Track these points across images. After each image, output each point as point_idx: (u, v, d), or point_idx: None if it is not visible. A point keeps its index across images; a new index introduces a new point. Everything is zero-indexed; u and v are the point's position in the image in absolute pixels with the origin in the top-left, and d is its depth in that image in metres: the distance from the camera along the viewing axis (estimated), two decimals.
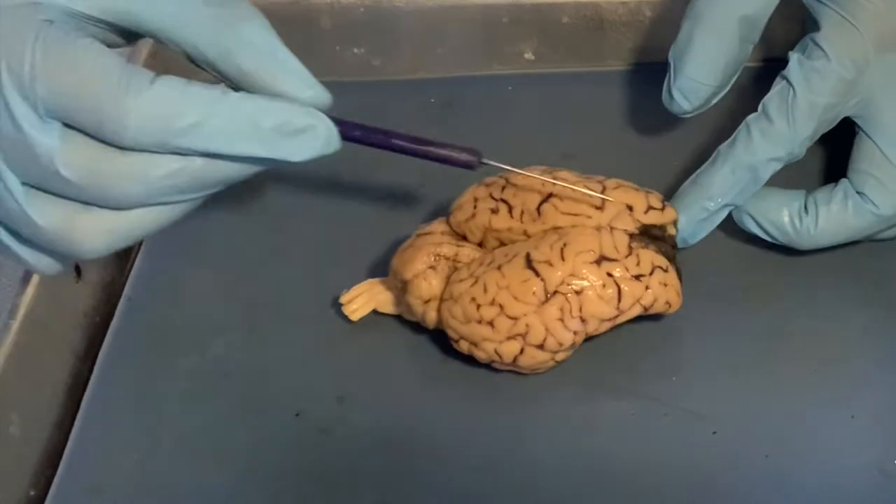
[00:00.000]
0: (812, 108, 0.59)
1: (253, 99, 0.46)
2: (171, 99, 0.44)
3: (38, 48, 0.44)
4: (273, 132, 0.45)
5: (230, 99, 0.45)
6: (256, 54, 0.46)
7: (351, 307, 0.62)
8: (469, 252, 0.60)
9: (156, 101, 0.44)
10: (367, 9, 0.77)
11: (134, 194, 0.46)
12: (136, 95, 0.44)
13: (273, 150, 0.46)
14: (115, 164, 0.45)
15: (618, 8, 0.76)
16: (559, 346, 0.57)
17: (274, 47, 0.47)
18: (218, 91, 0.45)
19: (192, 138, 0.45)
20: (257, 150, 0.46)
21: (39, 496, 0.59)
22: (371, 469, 0.57)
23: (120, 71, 0.44)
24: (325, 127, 0.47)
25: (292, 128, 0.46)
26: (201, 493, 0.57)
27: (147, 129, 0.44)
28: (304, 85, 0.47)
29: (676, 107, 0.63)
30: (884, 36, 0.60)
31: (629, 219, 0.59)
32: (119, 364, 0.63)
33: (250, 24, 0.46)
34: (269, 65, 0.46)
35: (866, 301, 0.62)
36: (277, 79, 0.46)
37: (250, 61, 0.46)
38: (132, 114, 0.44)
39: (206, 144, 0.45)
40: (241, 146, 0.45)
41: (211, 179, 0.47)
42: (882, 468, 0.55)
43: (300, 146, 0.46)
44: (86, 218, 0.46)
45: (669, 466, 0.56)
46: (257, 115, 0.45)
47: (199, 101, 0.45)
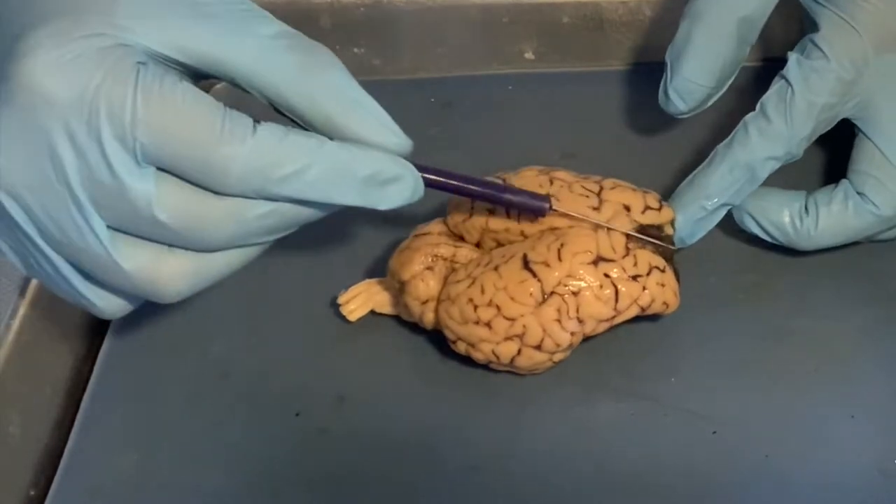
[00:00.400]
0: (810, 107, 0.59)
1: (348, 148, 0.46)
2: (272, 147, 0.44)
3: (138, 95, 0.43)
4: (366, 181, 0.46)
5: (327, 148, 0.45)
6: (343, 101, 0.46)
7: (349, 307, 0.62)
8: (466, 253, 0.60)
9: (259, 150, 0.44)
10: (367, 8, 0.77)
11: (226, 236, 0.46)
12: (241, 144, 0.44)
13: (365, 198, 0.46)
14: (210, 208, 0.45)
15: (618, 8, 0.76)
16: (556, 346, 0.57)
17: (358, 95, 0.46)
18: (316, 140, 0.45)
19: (290, 187, 0.45)
20: (351, 198, 0.46)
21: (39, 496, 0.59)
22: (371, 469, 0.57)
23: (222, 117, 0.44)
24: (413, 176, 0.47)
25: (384, 177, 0.46)
26: (201, 493, 0.57)
27: (249, 177, 0.44)
28: (390, 133, 0.47)
29: (672, 107, 0.63)
30: (883, 37, 0.60)
31: (626, 219, 0.59)
32: (119, 364, 0.64)
33: (334, 72, 0.46)
34: (355, 112, 0.46)
35: (866, 301, 0.62)
36: (364, 127, 0.46)
37: (337, 108, 0.46)
38: (236, 162, 0.44)
39: (303, 193, 0.45)
40: (335, 195, 0.46)
41: (298, 220, 0.47)
42: (882, 468, 0.55)
43: (390, 195, 0.47)
44: (171, 261, 0.46)
45: (669, 466, 0.56)
46: (353, 164, 0.45)
47: (300, 150, 0.45)
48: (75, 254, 0.46)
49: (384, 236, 0.66)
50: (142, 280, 0.46)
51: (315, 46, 0.47)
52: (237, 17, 0.46)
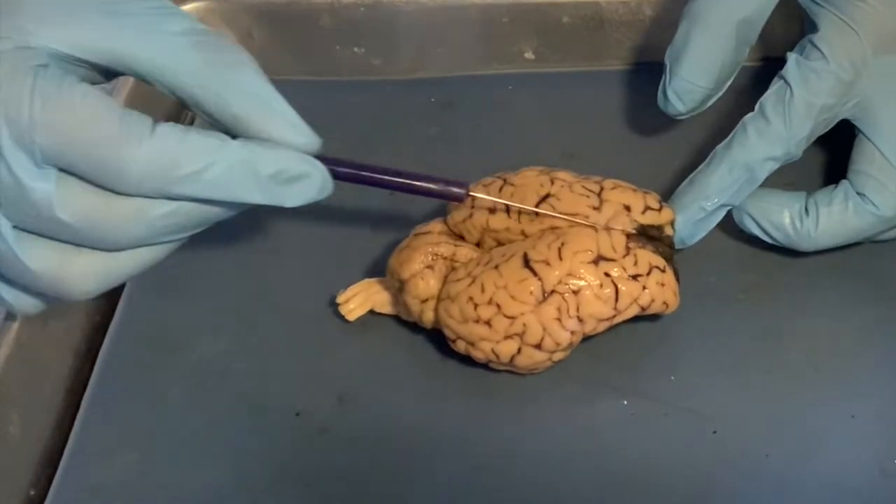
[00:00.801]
0: (809, 108, 0.59)
1: (250, 147, 0.46)
2: (171, 148, 0.44)
3: (36, 96, 0.43)
4: (270, 180, 0.46)
5: (229, 147, 0.45)
6: (250, 100, 0.46)
7: (348, 307, 0.62)
8: (466, 252, 0.60)
9: (156, 151, 0.44)
10: (367, 8, 0.77)
11: (132, 235, 0.46)
12: (138, 145, 0.44)
13: (270, 197, 0.46)
14: (112, 207, 0.45)
15: (618, 7, 0.76)
16: (556, 345, 0.57)
17: (267, 93, 0.46)
18: (216, 139, 0.45)
19: (191, 186, 0.45)
20: (255, 197, 0.46)
21: (39, 496, 0.59)
22: (370, 468, 0.57)
23: (120, 119, 0.44)
24: (320, 173, 0.47)
25: (289, 175, 0.46)
26: (201, 493, 0.57)
27: (148, 178, 0.44)
28: (297, 132, 0.47)
29: (671, 108, 0.63)
30: (882, 38, 0.60)
31: (627, 219, 0.59)
32: (119, 364, 0.63)
33: (243, 70, 0.46)
34: (262, 111, 0.46)
35: (866, 301, 0.62)
36: (270, 125, 0.46)
37: (243, 107, 0.46)
38: (133, 163, 0.44)
39: (205, 192, 0.45)
40: (238, 193, 0.46)
41: (206, 218, 0.47)
42: (882, 467, 0.55)
43: (296, 192, 0.47)
44: (78, 261, 0.46)
45: (669, 466, 0.56)
46: (255, 163, 0.45)
47: (199, 149, 0.45)
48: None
49: (383, 236, 0.66)
50: (49, 280, 0.46)
51: (226, 44, 0.47)
52: (146, 14, 0.46)
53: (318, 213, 0.70)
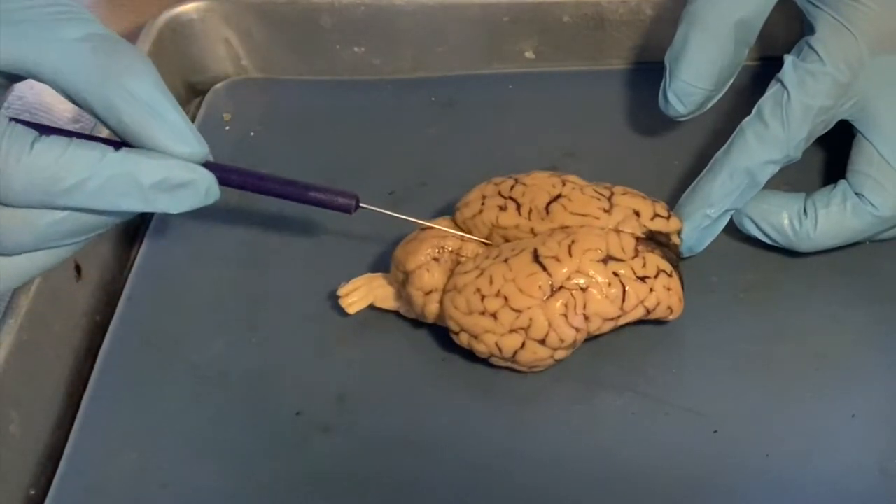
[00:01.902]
0: (806, 110, 0.59)
1: (132, 158, 0.46)
2: (50, 163, 0.45)
3: None
4: (152, 189, 0.46)
5: (109, 160, 0.46)
6: (137, 108, 0.46)
7: (348, 300, 0.62)
8: (473, 247, 0.60)
9: (35, 167, 0.45)
10: (367, 8, 0.77)
11: (21, 242, 0.47)
12: (17, 162, 0.45)
13: (153, 205, 0.47)
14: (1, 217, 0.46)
15: (618, 7, 0.76)
16: (560, 342, 0.57)
17: (155, 101, 0.47)
18: (98, 152, 0.46)
19: (72, 198, 0.46)
20: (137, 206, 0.47)
21: (39, 495, 0.59)
22: (371, 468, 0.57)
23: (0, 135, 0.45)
24: (204, 180, 0.48)
25: (172, 183, 0.47)
26: (201, 493, 0.57)
27: (29, 193, 0.45)
28: (183, 141, 0.47)
29: (672, 110, 0.63)
30: (878, 38, 0.60)
31: (636, 223, 0.59)
32: (119, 364, 0.63)
33: (135, 78, 0.46)
34: (147, 119, 0.47)
35: (867, 300, 0.62)
36: (155, 133, 0.47)
37: (130, 114, 0.46)
38: (13, 180, 0.45)
39: (87, 203, 0.46)
40: (120, 203, 0.46)
41: (94, 225, 0.48)
42: (883, 467, 0.55)
43: (180, 200, 0.47)
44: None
45: (670, 465, 0.56)
46: (136, 174, 0.46)
47: (79, 163, 0.45)
48: None
49: (386, 236, 0.66)
50: None
51: (123, 49, 0.47)
52: (44, 20, 0.46)
53: (319, 213, 0.70)
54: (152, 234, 0.70)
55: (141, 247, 0.69)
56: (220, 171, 0.49)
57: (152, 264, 0.68)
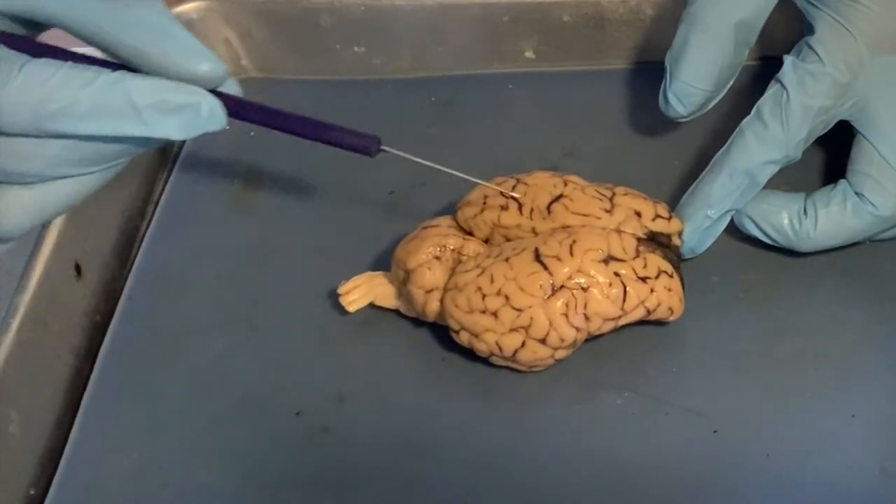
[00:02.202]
0: (805, 110, 0.60)
1: (129, 78, 0.45)
2: (38, 84, 0.44)
3: None
4: (150, 111, 0.45)
5: (103, 80, 0.45)
6: (149, 32, 0.45)
7: (348, 298, 0.62)
8: (475, 247, 0.60)
9: (24, 88, 0.44)
10: (367, 7, 0.77)
11: (35, 170, 0.46)
12: (4, 84, 0.44)
13: (151, 128, 0.45)
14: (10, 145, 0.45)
15: (618, 6, 0.76)
16: (561, 341, 0.57)
17: (166, 24, 0.46)
18: (91, 72, 0.45)
19: (63, 121, 0.44)
20: (132, 129, 0.45)
21: (39, 495, 0.59)
22: (371, 468, 0.57)
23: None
24: (208, 103, 0.46)
25: (170, 105, 0.45)
26: (201, 493, 0.57)
27: (18, 115, 0.44)
28: (200, 58, 0.46)
29: (672, 111, 0.63)
30: (878, 39, 0.60)
31: (637, 224, 0.59)
32: (119, 363, 0.63)
33: (142, 4, 0.46)
34: (162, 42, 0.45)
35: (867, 299, 0.62)
36: (171, 55, 0.45)
37: (143, 39, 0.45)
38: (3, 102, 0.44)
39: (81, 127, 0.45)
40: (115, 126, 0.45)
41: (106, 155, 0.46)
42: (883, 467, 0.55)
43: (180, 124, 0.46)
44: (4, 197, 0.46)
45: (670, 465, 0.56)
46: (130, 93, 0.45)
47: (70, 83, 0.44)
48: None
49: (386, 236, 0.66)
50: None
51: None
52: None
53: (320, 213, 0.70)
54: (152, 234, 0.70)
55: (141, 246, 0.69)
56: (233, 103, 0.47)
57: (152, 264, 0.68)
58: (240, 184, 0.72)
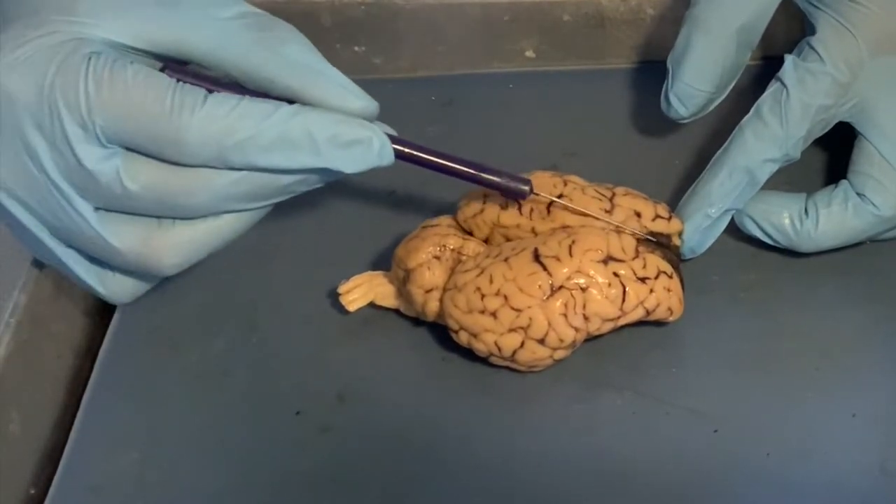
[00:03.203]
0: (805, 109, 0.60)
1: (305, 111, 0.47)
2: (223, 115, 0.46)
3: (90, 79, 0.45)
4: (326, 144, 0.47)
5: (282, 112, 0.46)
6: (302, 73, 0.47)
7: (349, 297, 0.62)
8: (474, 247, 0.60)
9: (209, 119, 0.46)
10: (367, 7, 0.77)
11: (201, 203, 0.47)
12: (191, 114, 0.46)
13: (327, 161, 0.47)
14: (179, 177, 0.47)
15: (619, 6, 0.76)
16: (560, 342, 0.57)
17: (317, 64, 0.48)
18: (270, 105, 0.46)
19: (246, 152, 0.46)
20: (311, 161, 0.47)
21: (39, 495, 0.59)
22: (371, 467, 0.57)
23: (172, 91, 0.46)
24: (379, 139, 0.48)
25: (346, 139, 0.47)
26: (201, 492, 0.57)
27: (204, 146, 0.46)
28: (353, 97, 0.48)
29: (674, 112, 0.63)
30: (879, 39, 0.60)
31: (637, 224, 0.59)
32: (119, 363, 0.63)
33: (292, 45, 0.48)
34: (315, 81, 0.47)
35: (868, 299, 0.62)
36: (326, 94, 0.47)
37: (297, 80, 0.47)
38: (188, 132, 0.46)
39: (261, 158, 0.46)
40: (294, 158, 0.47)
41: (274, 189, 0.48)
42: (883, 467, 0.55)
43: (354, 157, 0.48)
44: (160, 234, 0.48)
45: (670, 465, 0.56)
46: (309, 126, 0.46)
47: (252, 116, 0.46)
48: (73, 238, 0.49)
49: (387, 236, 0.66)
50: (136, 256, 0.49)
51: (274, 22, 0.48)
52: (198, 2, 0.48)
53: (320, 212, 0.70)
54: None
55: None
56: (396, 143, 0.49)
57: None
58: None
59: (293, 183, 0.48)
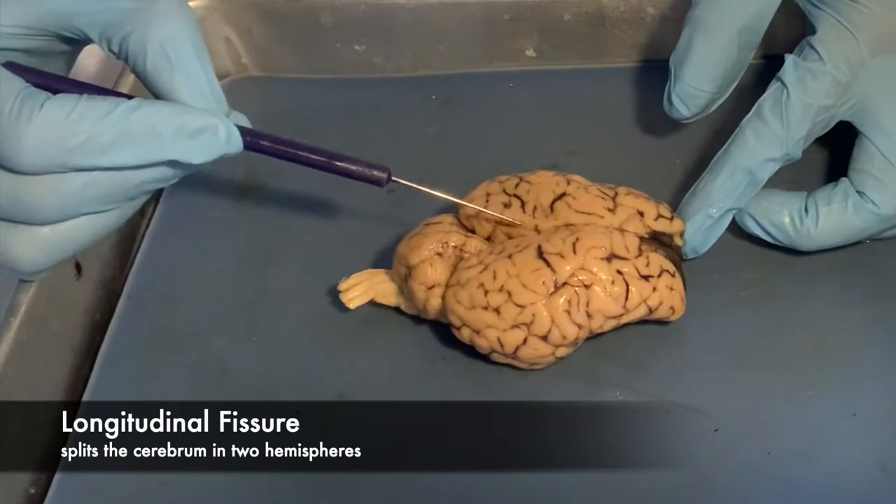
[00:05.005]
0: (806, 109, 0.60)
1: (146, 105, 0.45)
2: (60, 119, 0.44)
3: None
4: (171, 136, 0.45)
5: (122, 109, 0.45)
6: (160, 58, 0.46)
7: (349, 295, 0.62)
8: (477, 244, 0.60)
9: (46, 124, 0.44)
10: (367, 6, 0.77)
11: (54, 209, 0.46)
12: (28, 121, 0.44)
13: (173, 153, 0.46)
14: (27, 185, 0.45)
15: (619, 5, 0.75)
16: (562, 339, 0.57)
17: (181, 53, 0.46)
18: (109, 102, 0.45)
19: (87, 154, 0.45)
20: (157, 155, 0.46)
21: (39, 495, 0.59)
22: (371, 467, 0.57)
23: (13, 98, 0.44)
24: (224, 125, 0.47)
25: (190, 129, 0.46)
26: (201, 493, 0.57)
27: (42, 152, 0.44)
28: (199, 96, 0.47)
29: (676, 112, 0.64)
30: (878, 39, 0.60)
31: (640, 223, 0.59)
32: (119, 362, 0.63)
33: (165, 25, 0.46)
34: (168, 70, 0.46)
35: (868, 298, 0.62)
36: (174, 85, 0.46)
37: (153, 63, 0.46)
38: (25, 139, 0.44)
39: (107, 158, 0.45)
40: (137, 154, 0.45)
41: (128, 187, 0.47)
42: (884, 466, 0.55)
43: (201, 147, 0.46)
44: (18, 236, 0.47)
45: (671, 463, 0.56)
46: (152, 120, 0.45)
47: (91, 115, 0.45)
48: None
49: (387, 235, 0.66)
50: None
51: None
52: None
53: (320, 212, 0.70)
54: (152, 234, 0.70)
55: (141, 245, 0.69)
56: (247, 135, 0.48)
57: (152, 263, 0.68)
58: (240, 182, 0.72)
59: (146, 180, 0.47)
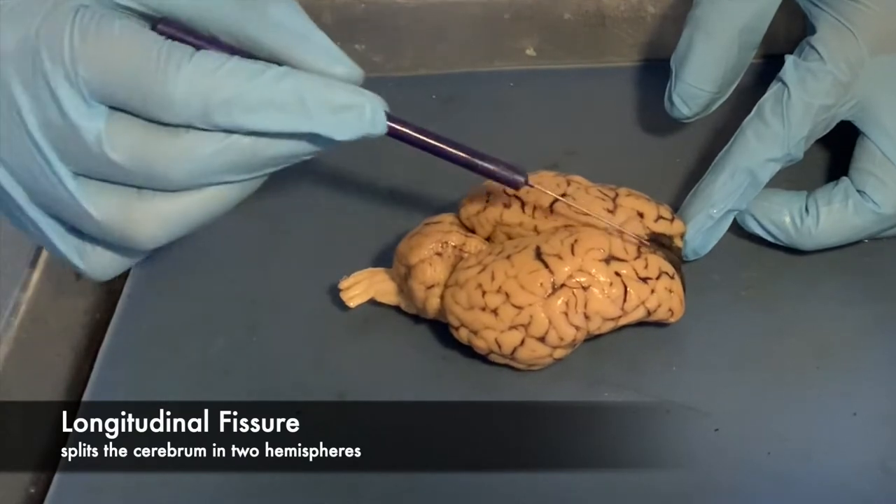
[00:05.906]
0: (807, 109, 0.60)
1: (296, 74, 0.45)
2: (209, 72, 0.44)
3: (75, 32, 0.44)
4: (317, 108, 0.45)
5: (272, 73, 0.45)
6: (284, 34, 0.46)
7: (349, 293, 0.62)
8: (476, 244, 0.60)
9: (196, 74, 0.44)
10: (368, 5, 0.77)
11: (183, 173, 0.46)
12: (177, 69, 0.44)
13: (317, 125, 0.45)
14: (162, 143, 0.45)
15: (619, 4, 0.76)
16: (560, 340, 0.57)
17: (302, 26, 0.46)
18: (259, 65, 0.45)
19: (232, 112, 0.45)
20: (299, 125, 0.45)
21: (39, 494, 0.59)
22: (371, 467, 0.57)
23: (159, 47, 0.44)
24: (371, 105, 0.46)
25: (337, 104, 0.45)
26: (201, 492, 0.57)
27: (189, 102, 0.44)
28: (336, 62, 0.46)
29: (677, 112, 0.64)
30: (878, 39, 0.60)
31: (640, 224, 0.59)
32: (119, 362, 0.63)
33: (277, 5, 0.46)
34: (298, 44, 0.46)
35: (869, 297, 0.62)
36: (306, 56, 0.46)
37: (279, 41, 0.46)
38: (174, 86, 0.44)
39: (247, 119, 0.45)
40: (281, 121, 0.45)
41: (260, 159, 0.46)
42: (884, 465, 0.55)
43: (345, 123, 0.46)
44: (140, 205, 0.46)
45: (671, 464, 0.56)
46: (300, 89, 0.45)
47: (240, 74, 0.45)
48: (51, 204, 0.47)
49: (387, 235, 0.66)
50: (114, 226, 0.47)
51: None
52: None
53: (320, 211, 0.70)
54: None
55: None
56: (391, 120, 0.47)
57: (152, 263, 0.68)
58: None
59: (280, 152, 0.46)
